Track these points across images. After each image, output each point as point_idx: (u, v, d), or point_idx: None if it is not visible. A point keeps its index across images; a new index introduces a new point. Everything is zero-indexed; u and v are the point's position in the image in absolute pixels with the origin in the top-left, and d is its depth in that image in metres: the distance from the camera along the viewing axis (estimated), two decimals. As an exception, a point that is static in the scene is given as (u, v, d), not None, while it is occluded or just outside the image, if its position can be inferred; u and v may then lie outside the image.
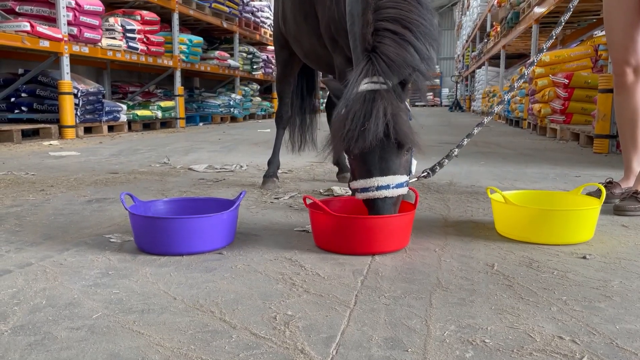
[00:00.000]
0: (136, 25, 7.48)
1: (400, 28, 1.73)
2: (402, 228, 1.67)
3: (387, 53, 1.69)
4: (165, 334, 1.09)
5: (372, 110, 1.60)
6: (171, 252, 1.62)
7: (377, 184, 1.64)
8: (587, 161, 4.13)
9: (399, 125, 1.61)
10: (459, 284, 1.38)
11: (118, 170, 3.52)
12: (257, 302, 1.26)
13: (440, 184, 2.98)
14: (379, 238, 1.62)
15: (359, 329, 1.11)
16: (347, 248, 1.63)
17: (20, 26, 5.46)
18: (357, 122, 1.60)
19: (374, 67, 1.68)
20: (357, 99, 1.64)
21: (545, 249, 1.71)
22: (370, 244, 1.62)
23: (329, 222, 1.65)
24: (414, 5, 1.77)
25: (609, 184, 2.43)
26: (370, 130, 1.58)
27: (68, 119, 6.10)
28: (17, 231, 1.91)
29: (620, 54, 2.32)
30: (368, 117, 1.59)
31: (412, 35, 1.73)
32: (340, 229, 1.63)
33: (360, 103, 1.63)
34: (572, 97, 6.35)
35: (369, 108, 1.61)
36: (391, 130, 1.60)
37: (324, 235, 1.68)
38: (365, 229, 1.61)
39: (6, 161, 4.01)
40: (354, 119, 1.61)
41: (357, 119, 1.61)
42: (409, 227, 1.72)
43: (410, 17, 1.74)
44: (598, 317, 1.17)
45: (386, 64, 1.67)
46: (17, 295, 1.30)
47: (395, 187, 1.65)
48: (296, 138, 3.18)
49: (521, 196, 2.04)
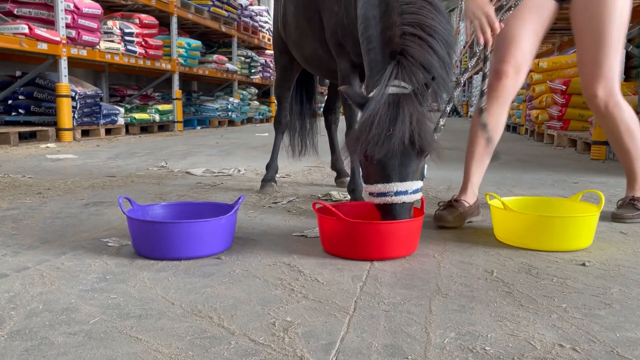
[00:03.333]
0: (135, 29, 7.48)
1: (424, 34, 1.73)
2: (415, 233, 1.69)
3: (415, 56, 1.68)
4: (163, 340, 1.08)
5: (397, 115, 1.59)
6: (169, 256, 1.61)
7: (396, 189, 1.63)
8: (584, 167, 4.14)
9: (423, 132, 1.60)
10: (458, 291, 1.38)
11: (115, 174, 3.51)
12: (256, 307, 1.25)
13: (438, 189, 2.98)
14: (394, 243, 1.63)
15: (358, 335, 1.11)
16: (362, 253, 1.63)
17: (18, 28, 5.45)
18: (383, 126, 1.58)
19: (403, 69, 1.66)
20: (384, 102, 1.62)
21: (544, 255, 1.70)
22: (385, 249, 1.63)
23: (343, 227, 1.64)
24: (434, 13, 1.78)
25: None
26: (395, 135, 1.57)
27: (65, 121, 6.08)
28: (14, 234, 1.90)
29: (508, 51, 2.09)
30: (393, 122, 1.58)
31: (434, 41, 1.73)
32: (356, 234, 1.63)
33: (386, 107, 1.61)
34: (569, 103, 6.36)
35: (394, 112, 1.59)
36: (416, 137, 1.59)
37: (336, 240, 1.67)
38: (384, 234, 1.62)
39: (3, 164, 3.99)
40: (380, 122, 1.59)
41: (382, 123, 1.59)
42: (419, 232, 1.74)
43: (432, 24, 1.75)
44: (598, 324, 1.17)
45: (415, 67, 1.66)
46: (13, 299, 1.28)
47: (412, 193, 1.65)
48: (296, 143, 3.17)
49: (520, 202, 2.04)
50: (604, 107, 2.11)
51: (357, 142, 1.64)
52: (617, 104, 2.11)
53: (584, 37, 2.08)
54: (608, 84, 2.08)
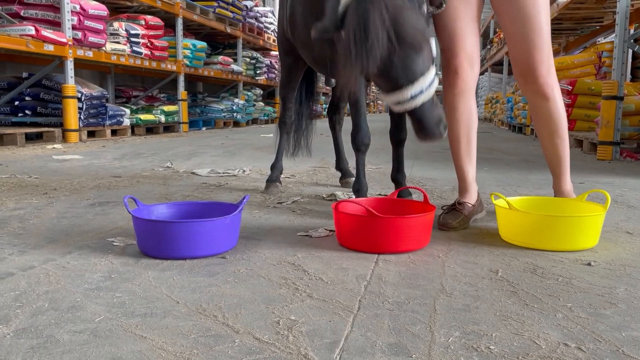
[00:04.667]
0: (140, 30, 7.51)
1: None
2: (426, 227, 1.77)
3: None
4: (168, 338, 1.08)
5: (368, 23, 1.44)
6: (174, 256, 1.61)
7: (410, 94, 1.54)
8: (590, 168, 4.12)
9: (403, 29, 1.47)
10: (463, 290, 1.37)
11: (121, 174, 3.52)
12: (260, 306, 1.25)
13: (443, 189, 2.97)
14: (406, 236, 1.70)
15: (362, 334, 1.11)
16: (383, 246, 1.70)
17: (25, 30, 5.48)
18: (361, 43, 1.45)
19: None
20: (351, 12, 1.49)
21: (549, 255, 1.70)
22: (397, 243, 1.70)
23: (364, 222, 1.71)
24: None
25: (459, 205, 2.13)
26: (374, 47, 1.45)
27: (72, 122, 6.11)
28: (20, 234, 1.91)
29: (459, 45, 2.04)
30: (367, 33, 1.44)
31: None
32: (379, 228, 1.69)
33: (355, 17, 1.47)
34: (575, 103, 6.34)
35: (363, 20, 1.45)
36: (396, 37, 1.47)
37: (357, 234, 1.73)
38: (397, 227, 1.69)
39: (10, 164, 4.02)
40: (355, 39, 1.46)
41: (358, 39, 1.46)
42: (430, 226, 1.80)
43: None
44: (604, 324, 1.16)
45: None
46: (19, 298, 1.29)
47: (428, 88, 1.56)
48: (290, 142, 3.16)
49: (525, 202, 2.03)
50: (548, 86, 2.00)
51: (345, 68, 1.54)
52: (557, 84, 2.04)
53: (509, 17, 1.99)
54: (545, 64, 1.97)
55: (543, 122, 2.13)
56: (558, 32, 9.70)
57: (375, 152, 5.27)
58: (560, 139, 2.13)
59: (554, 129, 2.11)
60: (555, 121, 2.10)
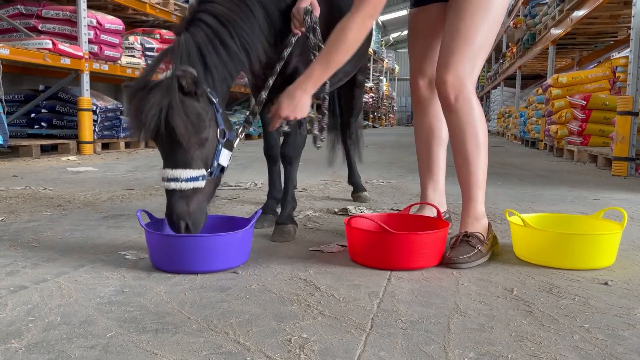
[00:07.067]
0: (155, 44, 7.60)
1: (216, 23, 1.74)
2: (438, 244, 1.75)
3: (190, 44, 1.68)
4: (179, 355, 1.07)
5: (147, 101, 1.57)
6: (186, 270, 1.61)
7: (167, 176, 1.64)
8: (605, 184, 4.07)
9: (172, 117, 1.56)
10: (477, 309, 1.35)
11: (134, 187, 3.54)
12: (272, 323, 1.24)
13: (456, 204, 2.95)
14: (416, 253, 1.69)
15: (375, 354, 1.09)
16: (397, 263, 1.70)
17: (42, 44, 5.58)
18: (141, 112, 1.58)
19: (171, 56, 1.66)
20: (146, 87, 1.62)
21: (565, 274, 1.67)
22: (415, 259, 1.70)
23: (380, 238, 1.70)
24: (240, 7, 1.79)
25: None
26: (144, 121, 1.56)
27: (86, 135, 6.18)
28: (34, 246, 1.92)
29: (417, 64, 2.13)
30: (143, 108, 1.57)
31: (226, 33, 1.74)
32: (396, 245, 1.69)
33: (144, 92, 1.60)
34: (589, 118, 6.29)
35: (147, 99, 1.58)
36: (162, 122, 1.56)
37: (371, 250, 1.72)
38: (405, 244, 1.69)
39: (25, 176, 4.06)
40: (138, 108, 1.59)
41: (138, 109, 1.59)
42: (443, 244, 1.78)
43: (232, 17, 1.76)
44: (622, 346, 1.14)
45: (177, 53, 1.65)
46: (32, 311, 1.29)
47: (185, 181, 1.63)
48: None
49: (540, 219, 2.01)
50: (453, 97, 1.82)
51: (129, 124, 1.67)
52: (467, 98, 1.83)
53: (448, 25, 1.89)
54: (459, 73, 1.82)
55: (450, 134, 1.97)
56: (572, 46, 9.67)
57: (387, 166, 5.25)
58: (463, 160, 1.89)
59: (456, 146, 1.91)
60: (456, 137, 1.90)
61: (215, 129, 1.72)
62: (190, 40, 1.69)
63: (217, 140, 1.73)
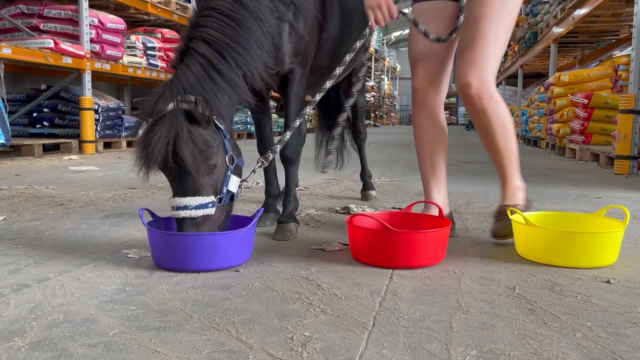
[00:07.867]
0: (157, 43, 7.61)
1: (210, 51, 1.74)
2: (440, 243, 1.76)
3: (181, 75, 1.71)
4: (181, 353, 1.07)
5: (154, 134, 1.62)
6: (188, 268, 1.62)
7: (177, 204, 1.67)
8: (607, 182, 4.06)
9: (180, 148, 1.59)
10: (479, 307, 1.35)
11: (136, 186, 3.55)
12: (274, 321, 1.24)
13: (458, 203, 2.95)
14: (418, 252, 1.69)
15: (377, 352, 1.09)
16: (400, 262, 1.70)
17: (44, 43, 5.59)
18: (148, 146, 1.63)
19: (171, 90, 1.68)
20: (151, 121, 1.68)
21: (567, 272, 1.67)
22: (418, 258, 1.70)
23: (384, 237, 1.70)
24: (232, 27, 1.79)
25: None
26: (152, 154, 1.61)
27: (88, 134, 6.19)
28: (36, 245, 1.93)
29: (418, 64, 2.12)
30: (150, 141, 1.61)
31: (220, 60, 1.75)
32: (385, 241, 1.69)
33: (149, 126, 1.66)
34: (591, 117, 6.28)
35: (153, 132, 1.63)
36: (170, 153, 1.60)
37: (373, 249, 1.72)
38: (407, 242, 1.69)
39: (27, 175, 4.07)
40: (145, 142, 1.64)
41: (145, 142, 1.64)
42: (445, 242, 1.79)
43: (225, 40, 1.76)
44: (624, 344, 1.14)
45: (176, 87, 1.68)
46: (35, 310, 1.30)
47: (195, 208, 1.66)
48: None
49: (542, 217, 2.00)
50: (478, 98, 1.94)
51: (135, 158, 1.70)
52: (491, 96, 1.95)
53: (465, 24, 1.96)
54: (482, 74, 1.92)
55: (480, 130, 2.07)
56: (573, 45, 9.66)
57: (389, 165, 5.25)
58: (496, 150, 2.05)
59: (488, 140, 2.04)
60: (486, 132, 2.03)
61: (223, 155, 1.74)
62: (186, 72, 1.71)
63: (226, 167, 1.74)
